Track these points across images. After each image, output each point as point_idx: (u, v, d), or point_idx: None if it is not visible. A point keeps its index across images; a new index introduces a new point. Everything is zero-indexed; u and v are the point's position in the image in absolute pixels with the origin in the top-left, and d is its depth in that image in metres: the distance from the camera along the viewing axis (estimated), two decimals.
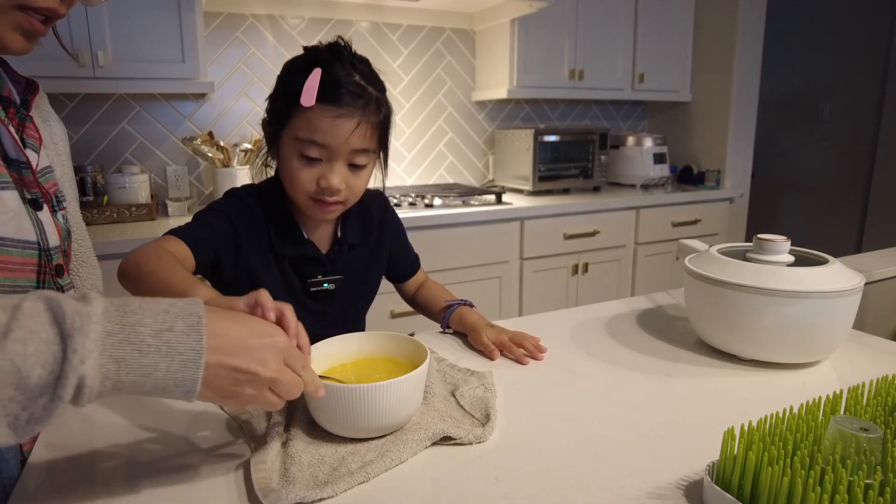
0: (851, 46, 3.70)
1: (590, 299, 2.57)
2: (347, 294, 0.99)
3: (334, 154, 0.83)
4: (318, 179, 0.84)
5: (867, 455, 0.50)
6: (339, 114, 0.81)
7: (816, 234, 3.98)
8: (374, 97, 0.85)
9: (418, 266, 1.14)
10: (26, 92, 0.75)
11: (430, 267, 2.19)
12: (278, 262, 0.92)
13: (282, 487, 0.55)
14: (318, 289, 0.95)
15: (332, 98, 0.81)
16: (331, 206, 0.87)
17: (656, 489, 0.57)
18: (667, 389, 0.79)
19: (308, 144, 0.83)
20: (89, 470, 0.61)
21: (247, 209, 0.91)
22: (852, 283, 0.82)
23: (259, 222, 0.91)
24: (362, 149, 0.85)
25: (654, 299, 1.19)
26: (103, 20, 1.87)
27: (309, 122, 0.82)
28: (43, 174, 0.72)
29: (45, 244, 0.68)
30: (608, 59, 2.82)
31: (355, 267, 0.99)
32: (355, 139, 0.83)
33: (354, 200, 0.91)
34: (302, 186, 0.85)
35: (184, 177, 2.35)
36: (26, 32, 0.63)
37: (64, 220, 0.75)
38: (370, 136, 0.85)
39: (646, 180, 2.93)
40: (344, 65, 0.83)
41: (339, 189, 0.85)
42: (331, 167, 0.84)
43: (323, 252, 0.95)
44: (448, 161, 2.90)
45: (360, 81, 0.83)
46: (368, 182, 0.91)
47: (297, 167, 0.84)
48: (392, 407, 0.63)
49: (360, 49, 0.89)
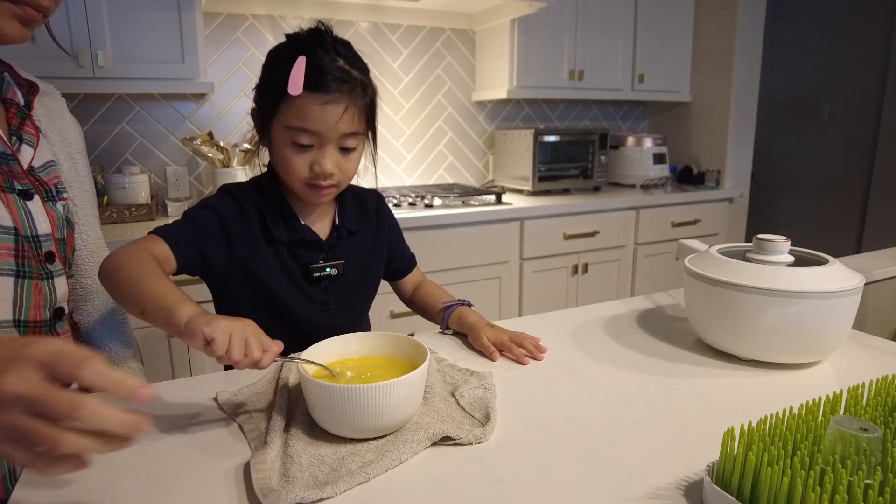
0: (851, 46, 3.70)
1: (590, 299, 2.57)
2: (350, 282, 1.00)
3: (325, 139, 0.86)
4: (311, 165, 0.87)
5: (867, 455, 0.50)
6: (327, 100, 0.83)
7: (816, 234, 3.98)
8: (359, 80, 0.87)
9: (414, 264, 1.15)
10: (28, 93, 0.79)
11: (429, 267, 2.19)
12: (276, 251, 0.93)
13: (281, 488, 0.55)
14: (321, 274, 0.96)
15: (318, 85, 0.83)
16: (325, 189, 0.89)
17: (656, 489, 0.57)
18: (667, 389, 0.79)
19: (299, 132, 0.85)
20: (88, 469, 0.61)
21: (237, 203, 0.92)
22: (852, 284, 0.82)
23: (251, 214, 0.92)
24: (351, 132, 0.87)
25: (654, 299, 1.19)
26: (103, 20, 1.87)
27: (298, 110, 0.84)
28: (44, 168, 0.78)
29: (33, 231, 0.72)
30: (608, 59, 2.82)
31: (356, 254, 1.00)
32: (344, 123, 0.85)
33: (347, 182, 0.94)
34: (296, 173, 0.88)
35: (184, 177, 2.35)
36: (22, 20, 0.67)
37: (64, 210, 0.80)
38: (358, 119, 0.87)
39: (645, 180, 2.93)
40: (327, 50, 0.85)
41: (333, 173, 0.88)
42: (322, 152, 0.86)
43: (322, 238, 0.96)
44: (448, 161, 2.90)
45: (344, 66, 0.85)
46: (359, 163, 0.94)
47: (290, 155, 0.87)
48: (392, 407, 0.63)
49: (361, 49, 0.90)
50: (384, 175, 2.76)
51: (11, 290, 0.69)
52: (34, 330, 0.73)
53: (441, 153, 2.88)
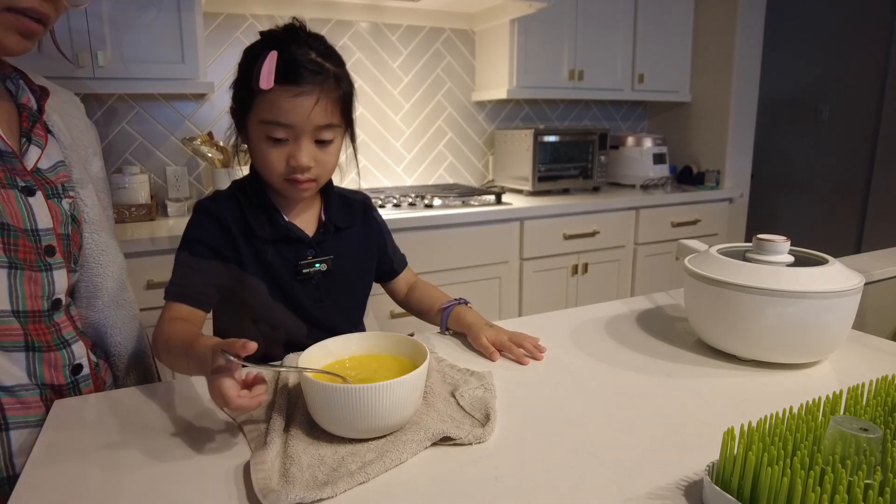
0: (851, 47, 3.70)
1: (589, 300, 2.57)
2: (341, 278, 0.99)
3: (299, 132, 0.85)
4: (287, 159, 0.87)
5: (867, 455, 0.50)
6: (298, 92, 0.83)
7: (816, 234, 3.98)
8: (332, 72, 0.87)
9: (405, 264, 1.14)
10: (39, 98, 0.84)
11: (429, 267, 2.19)
12: (260, 251, 0.93)
13: (281, 488, 0.55)
14: (310, 270, 0.95)
15: (289, 77, 0.83)
16: (304, 184, 0.89)
17: (656, 489, 0.57)
18: (667, 389, 0.79)
19: (273, 126, 0.85)
20: (88, 469, 0.61)
21: (213, 219, 0.92)
22: (852, 284, 0.82)
23: (231, 223, 0.92)
24: (326, 124, 0.87)
25: (654, 299, 1.19)
26: (103, 21, 1.87)
27: (270, 103, 0.84)
28: (53, 169, 0.82)
29: (33, 225, 0.75)
30: (608, 59, 2.83)
31: (345, 250, 0.99)
32: (317, 115, 0.85)
33: (327, 177, 0.93)
34: (273, 167, 0.88)
35: (183, 177, 2.35)
36: (22, 32, 0.69)
37: (70, 208, 0.84)
38: (332, 111, 0.87)
39: (645, 180, 2.93)
40: (300, 44, 0.86)
41: (309, 166, 0.87)
42: (298, 146, 0.86)
43: (309, 235, 0.96)
44: (448, 161, 2.90)
45: (316, 58, 0.85)
46: (338, 157, 0.93)
47: (266, 150, 0.87)
48: (392, 407, 0.63)
49: (361, 50, 0.90)
50: (384, 175, 2.76)
51: (6, 280, 0.72)
52: (33, 320, 0.75)
53: (441, 153, 2.88)
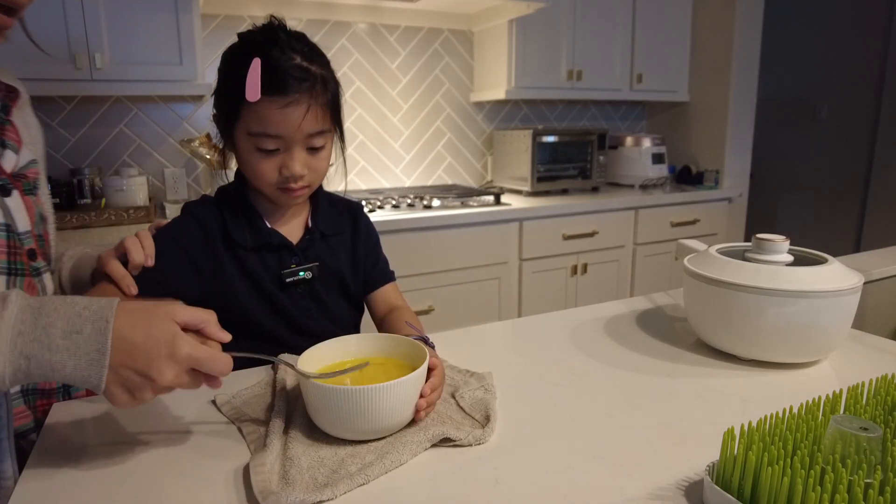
0: (849, 46, 3.71)
1: (589, 300, 2.57)
2: (329, 286, 0.97)
3: (290, 142, 0.83)
4: (279, 169, 0.85)
5: (867, 454, 0.50)
6: (287, 102, 0.80)
7: (815, 234, 3.99)
8: (318, 76, 0.83)
9: (390, 279, 1.05)
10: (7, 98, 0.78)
11: (428, 268, 2.19)
12: (242, 259, 0.90)
13: (281, 490, 0.55)
14: (294, 278, 0.92)
15: (276, 88, 0.79)
16: (298, 191, 0.88)
17: (656, 489, 0.57)
18: (667, 389, 0.79)
19: (262, 138, 0.82)
20: (87, 472, 0.61)
21: (198, 223, 0.89)
22: (851, 283, 0.82)
23: (213, 229, 0.89)
24: (317, 131, 0.85)
25: (654, 300, 1.19)
26: (100, 22, 1.87)
27: (258, 115, 0.81)
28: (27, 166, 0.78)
29: (15, 227, 0.72)
30: (606, 59, 2.83)
31: (331, 257, 0.97)
32: (308, 124, 0.82)
33: (320, 181, 0.92)
34: (265, 178, 0.85)
35: (181, 179, 2.35)
36: None
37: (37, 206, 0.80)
38: (322, 117, 0.85)
39: (644, 180, 2.93)
40: (283, 49, 0.82)
41: (303, 174, 0.85)
42: (290, 155, 0.84)
43: (294, 242, 0.94)
44: (446, 162, 2.90)
45: (301, 63, 0.82)
46: (329, 159, 0.91)
47: (257, 161, 0.85)
48: (391, 408, 0.63)
49: (359, 51, 0.89)
50: (382, 176, 2.76)
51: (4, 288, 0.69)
52: None
53: (440, 154, 2.88)
